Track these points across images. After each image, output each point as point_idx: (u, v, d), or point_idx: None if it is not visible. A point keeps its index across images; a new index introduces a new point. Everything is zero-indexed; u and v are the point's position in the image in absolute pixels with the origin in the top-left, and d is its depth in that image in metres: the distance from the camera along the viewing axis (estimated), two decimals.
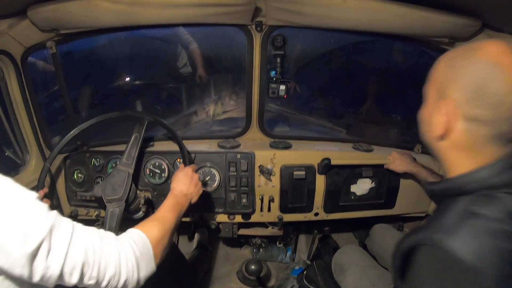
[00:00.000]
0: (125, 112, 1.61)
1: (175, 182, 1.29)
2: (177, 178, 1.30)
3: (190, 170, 1.34)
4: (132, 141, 1.53)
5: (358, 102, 2.15)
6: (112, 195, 1.39)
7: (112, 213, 1.36)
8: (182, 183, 1.27)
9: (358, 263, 1.61)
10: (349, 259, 1.67)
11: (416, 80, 1.99)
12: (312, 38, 1.80)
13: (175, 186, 1.27)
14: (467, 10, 1.37)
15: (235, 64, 1.85)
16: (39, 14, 1.38)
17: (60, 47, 1.63)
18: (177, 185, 1.27)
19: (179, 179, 1.29)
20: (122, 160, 1.49)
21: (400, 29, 1.52)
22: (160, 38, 1.86)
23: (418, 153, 1.97)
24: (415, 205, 1.98)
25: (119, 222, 1.34)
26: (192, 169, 1.36)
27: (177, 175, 1.32)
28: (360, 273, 1.56)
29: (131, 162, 1.49)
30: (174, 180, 1.30)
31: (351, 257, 1.68)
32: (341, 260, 1.70)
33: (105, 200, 1.38)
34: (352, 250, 1.76)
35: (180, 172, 1.33)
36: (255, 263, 1.87)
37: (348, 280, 1.58)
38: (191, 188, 1.29)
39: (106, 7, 1.36)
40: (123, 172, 1.45)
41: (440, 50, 1.70)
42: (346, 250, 1.77)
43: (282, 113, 2.02)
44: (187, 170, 1.33)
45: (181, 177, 1.30)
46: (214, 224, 1.82)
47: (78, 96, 1.87)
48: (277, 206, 1.81)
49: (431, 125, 0.81)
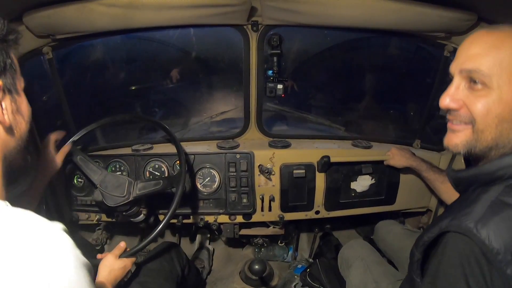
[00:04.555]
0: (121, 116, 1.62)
1: (99, 272, 1.25)
2: (100, 269, 1.26)
3: (110, 259, 1.29)
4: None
5: (357, 99, 2.15)
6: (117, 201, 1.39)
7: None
8: (101, 275, 1.23)
9: (363, 258, 1.60)
10: (354, 254, 1.66)
11: (413, 75, 2.01)
12: (308, 36, 1.80)
13: (98, 276, 1.23)
14: (462, 4, 1.37)
15: (232, 65, 1.84)
16: (35, 19, 1.38)
17: (56, 52, 1.63)
18: (99, 275, 1.23)
19: (100, 271, 1.25)
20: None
21: (395, 25, 1.52)
22: (156, 40, 1.85)
23: (417, 148, 1.97)
24: (415, 200, 1.98)
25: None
26: (115, 256, 1.31)
27: (100, 265, 1.27)
28: (364, 268, 1.56)
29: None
30: (98, 269, 1.26)
31: (357, 251, 1.67)
32: (347, 255, 1.70)
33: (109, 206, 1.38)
34: (359, 245, 1.75)
35: (102, 263, 1.28)
36: (259, 262, 1.86)
37: (352, 275, 1.58)
38: (110, 279, 1.25)
39: (102, 10, 1.36)
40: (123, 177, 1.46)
41: (436, 45, 1.71)
42: (353, 244, 1.76)
43: (280, 112, 2.01)
44: (106, 261, 1.29)
45: (101, 269, 1.26)
46: (215, 225, 1.83)
47: (75, 101, 1.86)
48: (277, 205, 1.81)
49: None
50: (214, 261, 2.34)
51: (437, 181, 1.60)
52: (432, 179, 1.63)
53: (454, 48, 1.67)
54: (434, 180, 1.62)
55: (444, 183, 1.56)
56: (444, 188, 1.56)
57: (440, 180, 1.59)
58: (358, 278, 1.56)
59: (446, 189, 1.53)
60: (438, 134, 1.99)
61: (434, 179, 1.62)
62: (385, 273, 1.52)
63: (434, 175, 1.62)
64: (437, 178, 1.61)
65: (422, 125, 1.97)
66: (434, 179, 1.62)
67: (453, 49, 1.67)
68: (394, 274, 1.53)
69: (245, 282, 2.11)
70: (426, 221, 2.10)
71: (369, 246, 1.76)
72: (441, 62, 1.74)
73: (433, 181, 1.63)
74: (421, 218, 2.17)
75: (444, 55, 1.71)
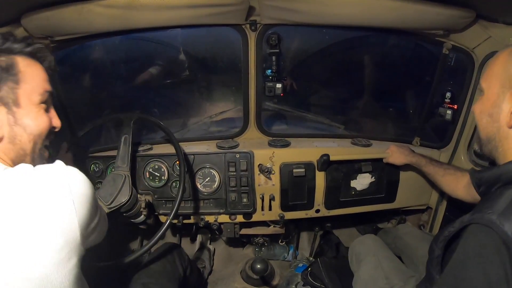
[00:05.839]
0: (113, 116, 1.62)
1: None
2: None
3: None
4: (122, 143, 1.54)
5: (356, 97, 2.15)
6: (116, 202, 1.39)
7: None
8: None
9: (375, 254, 1.59)
10: (366, 249, 1.65)
11: (412, 73, 2.01)
12: (306, 35, 1.80)
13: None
14: (461, 2, 1.37)
15: (230, 64, 1.84)
16: (33, 21, 1.38)
17: (55, 54, 1.63)
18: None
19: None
20: (117, 164, 1.49)
21: (394, 23, 1.52)
22: (155, 40, 1.85)
23: (417, 145, 1.97)
24: (416, 198, 1.98)
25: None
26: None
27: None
28: (376, 264, 1.54)
29: (126, 164, 1.50)
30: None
31: (369, 247, 1.66)
32: (358, 250, 1.68)
33: (109, 208, 1.38)
34: (371, 240, 1.73)
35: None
36: (260, 262, 1.86)
37: (362, 270, 1.56)
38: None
39: (100, 11, 1.36)
40: (121, 176, 1.45)
41: (434, 43, 1.71)
42: (364, 240, 1.75)
43: (279, 111, 2.01)
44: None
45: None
46: (215, 225, 1.83)
47: (74, 102, 1.86)
48: (278, 204, 1.81)
49: (498, 114, 0.89)
50: (215, 261, 2.34)
51: (438, 175, 1.58)
52: (433, 173, 1.60)
53: (452, 45, 1.67)
54: (434, 174, 1.59)
55: (445, 176, 1.54)
56: (445, 181, 1.54)
57: (440, 174, 1.56)
58: (368, 273, 1.54)
59: (448, 182, 1.52)
60: (437, 132, 1.99)
61: (435, 172, 1.59)
62: (397, 270, 1.50)
63: (434, 169, 1.60)
64: (437, 172, 1.58)
65: (421, 123, 1.97)
66: (435, 173, 1.59)
67: (452, 46, 1.67)
68: (405, 271, 1.51)
69: (246, 282, 2.12)
70: (427, 219, 2.10)
71: (381, 242, 1.73)
72: (439, 59, 1.74)
73: (433, 175, 1.60)
74: (421, 216, 2.17)
75: (442, 52, 1.71)
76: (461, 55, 1.69)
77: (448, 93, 1.75)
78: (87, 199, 0.81)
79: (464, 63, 1.69)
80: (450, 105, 1.76)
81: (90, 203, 0.83)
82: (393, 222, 2.23)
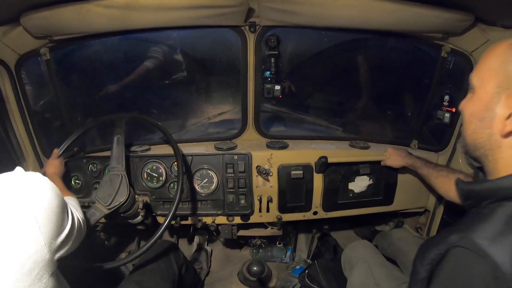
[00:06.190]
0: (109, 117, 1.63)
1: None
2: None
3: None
4: (115, 144, 1.54)
5: (354, 100, 2.15)
6: (115, 202, 1.39)
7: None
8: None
9: (366, 260, 1.58)
10: (358, 255, 1.64)
11: (410, 75, 2.01)
12: (305, 37, 1.80)
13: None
14: (460, 5, 1.38)
15: (229, 66, 1.84)
16: (32, 20, 1.38)
17: (54, 53, 1.63)
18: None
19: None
20: (112, 165, 1.50)
21: (393, 26, 1.52)
22: (154, 41, 1.85)
23: (415, 148, 1.97)
24: (413, 200, 1.98)
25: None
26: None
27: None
28: (366, 270, 1.53)
29: (121, 164, 1.50)
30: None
31: (360, 253, 1.65)
32: (350, 256, 1.68)
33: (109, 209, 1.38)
34: (362, 246, 1.73)
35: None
36: (257, 263, 1.86)
37: (354, 276, 1.56)
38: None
39: (99, 12, 1.36)
40: (117, 176, 1.45)
41: (433, 46, 1.71)
42: (356, 245, 1.74)
43: (278, 113, 2.01)
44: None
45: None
46: (213, 226, 1.82)
47: (73, 102, 1.86)
48: (275, 206, 1.81)
49: (492, 119, 0.76)
50: (212, 262, 2.33)
51: (432, 176, 1.57)
52: (427, 175, 1.60)
53: (451, 48, 1.67)
54: (429, 176, 1.59)
55: (438, 177, 1.53)
56: (439, 183, 1.54)
57: (434, 175, 1.56)
58: (359, 280, 1.54)
59: (441, 184, 1.52)
60: (435, 135, 1.99)
61: (429, 174, 1.59)
62: (388, 276, 1.49)
63: (428, 171, 1.59)
64: (431, 173, 1.58)
65: (419, 126, 1.97)
66: (429, 175, 1.59)
67: (450, 49, 1.68)
68: (397, 277, 1.50)
69: (243, 283, 2.11)
70: (424, 221, 2.10)
71: (372, 247, 1.73)
72: (438, 63, 1.75)
73: (428, 176, 1.60)
74: (419, 219, 2.17)
75: (441, 55, 1.71)
76: (460, 58, 1.70)
77: (446, 96, 1.76)
78: (51, 209, 0.76)
79: (463, 66, 1.69)
80: (448, 108, 1.76)
81: (56, 213, 0.78)
82: (391, 225, 2.23)
